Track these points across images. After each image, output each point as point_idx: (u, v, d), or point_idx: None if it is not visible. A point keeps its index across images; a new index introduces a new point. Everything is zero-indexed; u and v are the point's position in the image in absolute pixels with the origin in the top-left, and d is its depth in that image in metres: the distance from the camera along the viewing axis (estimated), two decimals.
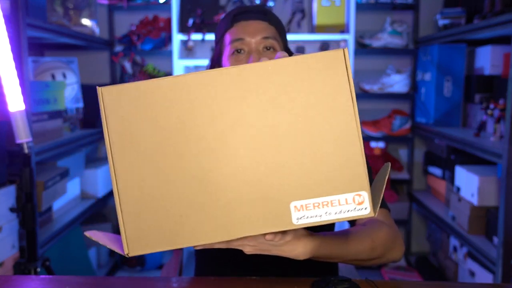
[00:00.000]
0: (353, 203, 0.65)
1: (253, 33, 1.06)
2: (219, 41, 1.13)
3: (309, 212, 0.65)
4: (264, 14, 1.09)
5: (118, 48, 2.81)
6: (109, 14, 2.81)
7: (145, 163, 0.65)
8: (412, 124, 2.75)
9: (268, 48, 1.07)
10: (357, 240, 0.88)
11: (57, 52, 2.76)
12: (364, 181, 0.64)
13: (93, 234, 0.72)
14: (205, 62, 2.64)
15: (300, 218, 0.65)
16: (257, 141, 0.65)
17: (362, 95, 2.74)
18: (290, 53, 1.14)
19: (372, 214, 0.64)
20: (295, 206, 0.65)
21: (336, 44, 2.74)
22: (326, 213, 0.65)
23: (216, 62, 1.14)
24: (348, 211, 0.64)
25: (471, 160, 2.21)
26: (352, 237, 0.88)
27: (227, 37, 1.09)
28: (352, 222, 1.03)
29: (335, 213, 0.65)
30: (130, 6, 2.76)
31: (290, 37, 2.54)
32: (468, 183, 2.08)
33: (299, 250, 0.78)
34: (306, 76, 0.65)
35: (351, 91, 0.67)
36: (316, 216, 0.65)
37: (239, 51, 1.06)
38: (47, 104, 1.95)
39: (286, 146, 0.65)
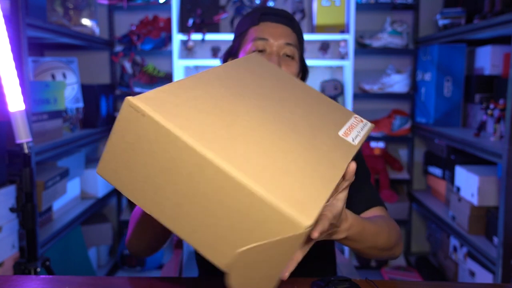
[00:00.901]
0: (361, 123, 0.83)
1: (278, 36, 1.09)
2: (240, 34, 1.14)
3: (353, 132, 0.80)
4: (290, 20, 1.13)
5: (118, 48, 2.81)
6: (109, 14, 2.81)
7: None
8: (412, 124, 2.75)
9: (288, 56, 1.09)
10: (378, 225, 0.89)
11: (57, 52, 2.76)
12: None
13: None
14: (205, 62, 2.64)
15: (355, 137, 0.79)
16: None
17: (362, 95, 2.74)
18: (304, 64, 1.18)
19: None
20: (343, 134, 0.78)
21: (336, 44, 2.73)
22: (361, 128, 0.82)
23: (233, 55, 1.16)
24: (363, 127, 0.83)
25: (471, 160, 2.21)
26: (373, 221, 0.89)
27: (252, 33, 1.11)
28: None
29: (362, 130, 0.82)
30: (130, 6, 2.76)
31: None
32: (468, 183, 2.08)
33: (345, 225, 0.78)
34: None
35: None
36: (359, 131, 0.81)
37: (260, 50, 1.09)
38: (47, 104, 1.95)
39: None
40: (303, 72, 1.20)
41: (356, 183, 1.10)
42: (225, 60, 1.19)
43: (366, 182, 1.13)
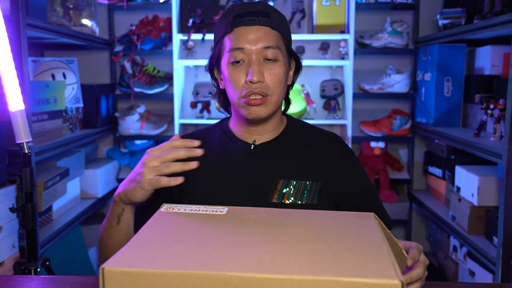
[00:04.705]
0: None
1: (254, 42, 1.02)
2: (218, 42, 1.09)
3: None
4: (267, 17, 1.04)
5: (118, 48, 2.81)
6: (109, 14, 2.81)
7: None
8: (412, 124, 2.75)
9: (269, 59, 1.03)
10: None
11: (57, 52, 2.76)
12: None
13: None
14: (205, 62, 2.63)
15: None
16: None
17: (362, 95, 2.73)
18: (293, 54, 1.11)
19: None
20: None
21: (336, 44, 2.73)
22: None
23: (215, 63, 1.12)
24: None
25: (471, 160, 2.21)
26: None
27: (227, 42, 1.05)
28: None
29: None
30: (130, 6, 2.76)
31: None
32: (468, 183, 2.08)
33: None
34: None
35: None
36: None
37: (238, 61, 1.03)
38: (47, 104, 1.95)
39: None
40: (296, 63, 1.13)
41: (369, 204, 1.13)
42: (211, 70, 1.14)
43: (378, 200, 1.18)
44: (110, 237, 0.99)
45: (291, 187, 1.07)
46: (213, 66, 1.13)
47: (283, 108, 1.16)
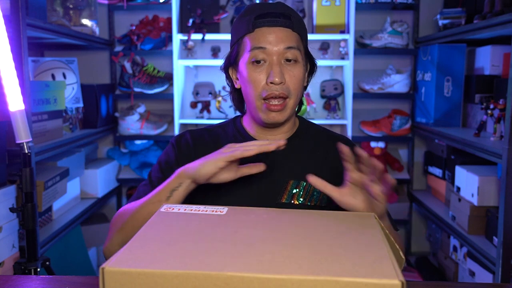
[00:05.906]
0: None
1: (276, 42, 1.02)
2: (237, 41, 1.08)
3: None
4: (288, 18, 1.04)
5: (118, 48, 2.81)
6: (109, 14, 2.81)
7: None
8: (412, 124, 2.75)
9: (290, 60, 1.03)
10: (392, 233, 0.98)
11: (57, 52, 2.76)
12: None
13: None
14: (205, 62, 2.64)
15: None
16: None
17: (362, 95, 2.74)
18: (310, 56, 1.12)
19: None
20: None
21: (336, 44, 2.73)
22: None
23: (233, 63, 1.11)
24: None
25: (471, 160, 2.21)
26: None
27: (247, 42, 1.04)
28: None
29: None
30: (130, 6, 2.76)
31: None
32: (468, 183, 2.08)
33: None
34: None
35: None
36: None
37: (258, 61, 1.03)
38: (47, 104, 1.95)
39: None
40: (311, 65, 1.13)
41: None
42: (226, 69, 1.13)
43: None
44: (147, 215, 0.92)
45: (301, 188, 1.06)
46: (230, 65, 1.12)
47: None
